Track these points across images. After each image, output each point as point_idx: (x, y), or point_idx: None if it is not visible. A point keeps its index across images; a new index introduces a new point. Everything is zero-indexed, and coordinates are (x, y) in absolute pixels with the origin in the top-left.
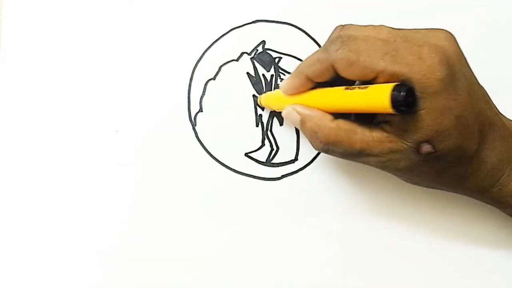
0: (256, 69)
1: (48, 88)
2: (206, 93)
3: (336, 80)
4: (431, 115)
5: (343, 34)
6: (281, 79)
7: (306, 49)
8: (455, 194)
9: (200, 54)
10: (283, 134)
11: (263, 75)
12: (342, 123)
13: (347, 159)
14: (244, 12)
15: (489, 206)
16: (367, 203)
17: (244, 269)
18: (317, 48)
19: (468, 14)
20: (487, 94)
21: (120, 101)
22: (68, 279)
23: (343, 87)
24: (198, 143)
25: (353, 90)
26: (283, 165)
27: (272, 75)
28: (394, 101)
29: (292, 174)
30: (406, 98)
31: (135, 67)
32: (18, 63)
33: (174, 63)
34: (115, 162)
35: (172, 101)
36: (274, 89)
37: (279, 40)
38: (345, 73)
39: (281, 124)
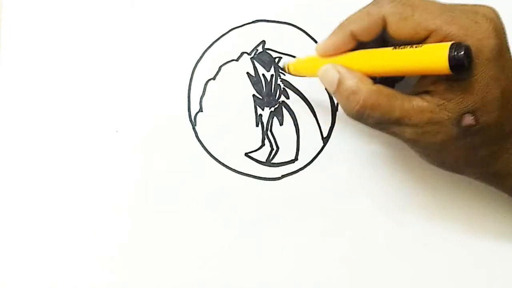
0: (256, 69)
1: (48, 88)
2: (206, 93)
3: (380, 43)
4: (479, 84)
5: None
6: (281, 79)
7: (306, 49)
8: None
9: (200, 54)
10: (283, 134)
11: (263, 75)
12: (383, 88)
13: (379, 128)
14: (244, 12)
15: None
16: (367, 203)
17: (244, 269)
18: None
19: None
20: None
21: (120, 101)
22: (68, 279)
23: (390, 48)
24: (198, 143)
25: (403, 50)
26: (283, 165)
27: (272, 75)
28: (453, 60)
29: (292, 174)
30: (465, 58)
31: (135, 67)
32: (18, 63)
33: (174, 63)
34: (115, 162)
35: (172, 101)
36: (274, 89)
37: (279, 40)
38: (396, 28)
39: (281, 124)
